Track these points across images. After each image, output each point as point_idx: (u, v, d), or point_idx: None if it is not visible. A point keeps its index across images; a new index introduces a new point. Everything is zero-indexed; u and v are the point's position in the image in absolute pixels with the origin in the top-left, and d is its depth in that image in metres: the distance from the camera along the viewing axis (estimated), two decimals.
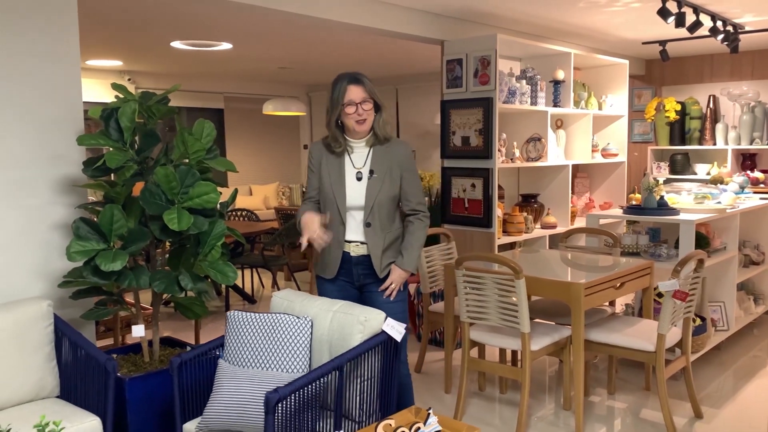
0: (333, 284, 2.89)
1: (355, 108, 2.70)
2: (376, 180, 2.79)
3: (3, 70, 2.84)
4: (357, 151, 2.83)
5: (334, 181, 2.80)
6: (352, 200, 2.80)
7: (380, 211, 2.81)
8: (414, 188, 2.88)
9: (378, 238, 2.82)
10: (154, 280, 2.73)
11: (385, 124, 2.81)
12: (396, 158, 2.83)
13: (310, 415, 2.32)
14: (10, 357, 2.62)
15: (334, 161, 2.84)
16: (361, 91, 2.71)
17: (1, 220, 2.87)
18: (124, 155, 2.68)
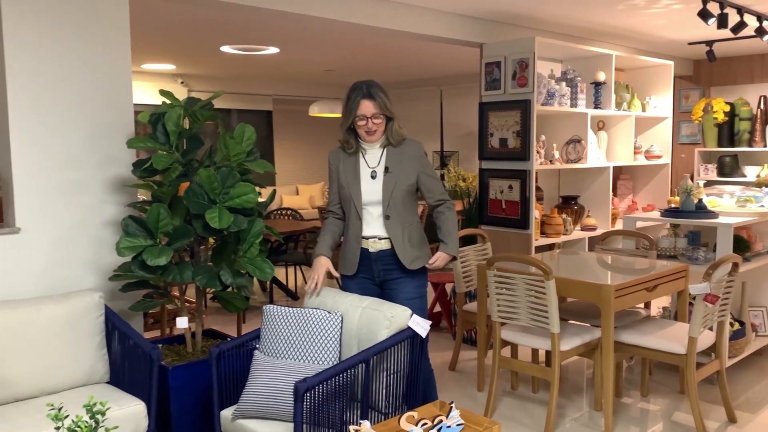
0: (353, 281, 3.00)
1: (365, 121, 2.86)
2: (391, 176, 2.92)
3: (63, 78, 3.06)
4: (370, 152, 2.97)
5: (350, 180, 2.94)
6: (368, 196, 2.92)
7: (397, 204, 2.93)
8: (433, 182, 3.02)
9: (398, 230, 2.92)
10: (197, 274, 2.90)
11: (397, 131, 2.95)
12: (409, 154, 2.96)
13: (338, 405, 2.44)
14: (65, 344, 2.84)
15: (349, 162, 2.98)
16: (372, 106, 2.84)
17: (59, 217, 3.10)
18: (170, 157, 2.86)
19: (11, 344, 2.71)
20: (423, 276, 3.04)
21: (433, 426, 2.40)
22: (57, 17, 3.03)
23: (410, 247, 2.96)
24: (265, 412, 2.51)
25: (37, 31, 2.98)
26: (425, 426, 2.39)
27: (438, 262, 2.98)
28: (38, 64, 3.00)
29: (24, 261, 3.02)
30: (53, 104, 3.06)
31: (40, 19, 2.99)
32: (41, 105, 3.03)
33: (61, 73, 3.06)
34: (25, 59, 2.96)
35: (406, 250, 2.94)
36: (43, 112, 3.03)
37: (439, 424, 2.40)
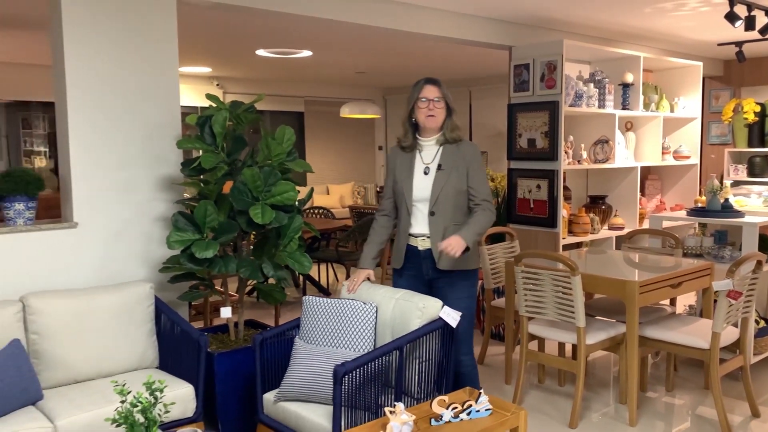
0: (402, 276, 3.10)
1: (427, 103, 2.95)
2: (443, 173, 2.97)
3: (116, 84, 3.29)
4: (426, 149, 3.04)
5: (404, 177, 3.04)
6: (419, 192, 3.00)
7: (445, 203, 2.96)
8: (480, 184, 3.02)
9: (440, 227, 2.96)
10: (241, 267, 3.10)
11: (455, 128, 3.02)
12: (464, 155, 2.99)
13: (374, 389, 2.61)
14: (120, 331, 3.05)
15: (405, 158, 3.07)
16: (435, 90, 2.96)
17: (114, 213, 3.33)
18: (216, 157, 3.06)
19: (72, 330, 2.93)
20: (472, 277, 3.07)
21: (462, 410, 2.56)
22: (112, 26, 3.26)
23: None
24: (305, 395, 2.69)
25: (94, 41, 3.21)
26: (455, 410, 2.54)
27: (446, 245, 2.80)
28: (94, 72, 3.23)
29: (81, 253, 3.25)
30: (108, 109, 3.28)
31: (98, 29, 3.22)
32: (97, 109, 3.25)
33: (114, 80, 3.29)
34: (82, 67, 3.19)
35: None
36: (99, 116, 3.26)
37: (469, 408, 2.56)
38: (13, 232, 3.05)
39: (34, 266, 3.11)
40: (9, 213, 3.09)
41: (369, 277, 3.09)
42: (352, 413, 2.53)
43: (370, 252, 3.14)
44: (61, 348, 2.90)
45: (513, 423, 2.57)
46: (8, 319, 2.81)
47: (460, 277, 3.02)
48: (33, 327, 2.88)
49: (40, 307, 2.90)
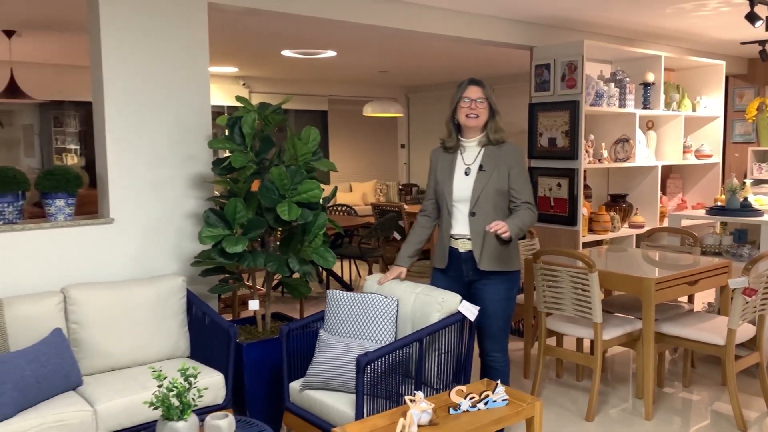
0: (444, 275, 3.13)
1: (469, 103, 2.99)
2: (484, 174, 2.97)
3: (151, 87, 3.45)
4: (468, 150, 3.07)
5: (445, 177, 3.08)
6: (459, 192, 3.01)
7: (486, 203, 2.97)
8: (522, 186, 3.01)
9: (479, 227, 2.96)
10: (268, 261, 3.24)
11: (499, 129, 3.02)
12: (506, 157, 3.00)
13: (395, 379, 2.73)
14: (153, 322, 3.21)
15: (446, 159, 3.10)
16: (479, 90, 2.98)
17: (149, 209, 3.49)
18: (245, 157, 3.20)
19: (109, 320, 3.10)
20: (511, 279, 3.07)
21: (480, 400, 2.66)
22: (147, 33, 3.42)
23: (490, 247, 2.97)
24: (329, 384, 2.82)
25: (129, 45, 3.37)
26: (473, 399, 2.65)
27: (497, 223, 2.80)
28: (130, 75, 3.39)
29: (117, 247, 3.42)
30: (142, 110, 3.44)
31: (133, 33, 3.38)
32: (132, 111, 3.42)
33: (149, 83, 3.45)
34: (119, 71, 3.36)
35: (483, 248, 2.97)
36: (134, 117, 3.42)
37: (486, 398, 2.67)
38: (55, 227, 3.23)
39: (73, 259, 3.29)
40: (50, 209, 3.26)
41: (401, 275, 3.16)
42: (374, 401, 2.65)
43: (407, 251, 3.20)
44: (99, 337, 3.07)
45: (528, 413, 2.67)
46: (50, 309, 2.98)
47: (499, 279, 3.03)
48: (73, 317, 3.05)
49: (79, 298, 3.06)
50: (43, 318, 2.95)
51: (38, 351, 2.74)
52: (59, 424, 2.60)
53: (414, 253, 3.22)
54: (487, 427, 2.53)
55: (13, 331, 2.85)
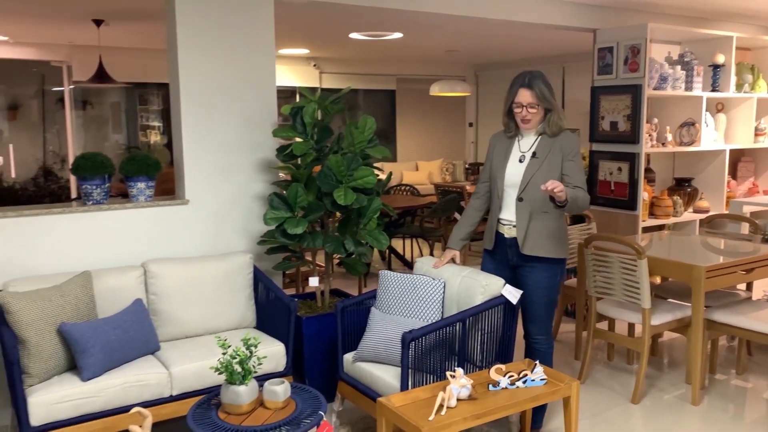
0: (492, 257, 3.21)
1: (521, 109, 3.01)
2: (536, 161, 3.02)
3: (222, 79, 3.72)
4: (526, 138, 3.11)
5: (499, 162, 3.14)
6: (510, 178, 3.07)
7: (534, 190, 3.00)
8: (575, 172, 3.02)
9: (526, 212, 3.02)
10: (326, 242, 3.48)
11: (555, 123, 3.02)
12: (561, 145, 3.02)
13: (439, 355, 2.92)
14: (223, 295, 3.52)
15: (504, 145, 3.16)
16: (530, 95, 2.97)
17: (220, 192, 3.80)
18: (306, 145, 3.44)
19: (184, 293, 3.43)
20: (555, 267, 3.10)
21: (518, 378, 2.83)
22: (219, 29, 3.68)
23: (534, 232, 3.03)
24: (378, 357, 3.04)
25: (203, 41, 3.65)
26: (512, 378, 2.82)
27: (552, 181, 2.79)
28: (203, 69, 3.67)
29: (191, 226, 3.74)
30: (214, 101, 3.73)
31: (207, 30, 3.65)
32: (205, 102, 3.71)
33: (220, 76, 3.73)
34: (193, 65, 3.64)
35: (527, 233, 3.03)
36: (207, 107, 3.71)
37: (524, 377, 2.83)
38: (137, 208, 3.58)
39: (153, 237, 3.64)
40: (133, 191, 3.61)
41: (455, 258, 3.30)
42: (418, 375, 2.86)
43: (458, 233, 3.32)
44: (175, 307, 3.40)
45: (565, 392, 2.81)
46: (132, 281, 3.34)
47: (542, 267, 3.08)
48: (152, 289, 3.39)
49: (157, 272, 3.40)
50: (126, 289, 3.31)
51: (122, 319, 3.09)
52: (139, 384, 2.94)
53: (466, 235, 3.32)
54: (524, 404, 2.70)
55: (101, 301, 3.22)
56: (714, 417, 3.50)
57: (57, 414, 2.73)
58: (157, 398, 2.99)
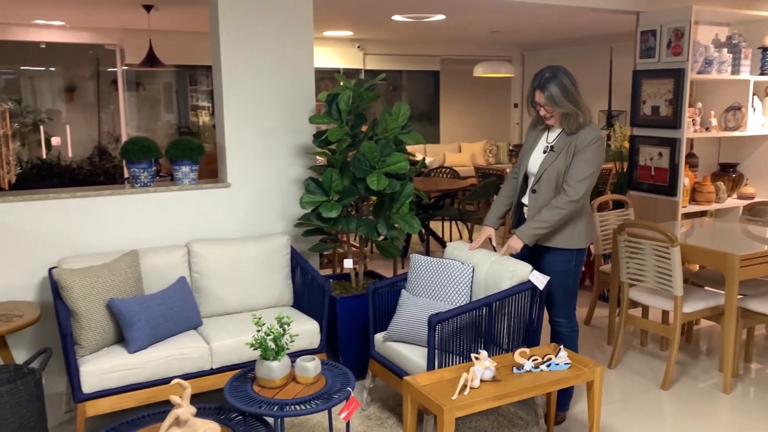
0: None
1: (539, 108, 3.09)
2: (552, 155, 3.11)
3: (261, 68, 3.85)
4: (553, 130, 3.19)
5: (527, 149, 3.26)
6: (531, 167, 3.20)
7: (547, 184, 3.11)
8: (575, 169, 3.04)
9: (536, 205, 3.13)
10: (360, 226, 3.59)
11: (574, 122, 3.04)
12: (577, 141, 3.05)
13: (466, 338, 3.01)
14: (262, 275, 3.68)
15: (534, 134, 3.25)
16: (543, 98, 3.03)
17: (259, 176, 3.95)
18: (341, 131, 3.54)
19: (225, 272, 3.60)
20: (570, 254, 3.16)
21: (542, 362, 2.90)
22: (259, 15, 3.80)
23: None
24: (407, 338, 3.16)
25: (244, 26, 3.78)
26: (536, 361, 2.89)
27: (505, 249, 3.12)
28: (244, 55, 3.81)
29: (233, 209, 3.91)
30: (254, 88, 3.86)
31: (248, 16, 3.77)
32: (245, 89, 3.84)
33: (259, 65, 3.85)
34: (234, 50, 3.78)
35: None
36: (247, 94, 3.85)
37: (548, 361, 2.89)
38: (181, 190, 3.75)
39: (196, 218, 3.82)
40: (177, 174, 3.79)
41: (490, 236, 3.38)
42: (445, 356, 2.96)
43: (495, 211, 3.41)
44: (216, 286, 3.58)
45: (588, 377, 2.87)
46: (177, 260, 3.52)
47: (557, 253, 3.16)
48: (195, 267, 3.57)
49: (200, 251, 3.58)
50: (171, 267, 3.49)
51: (166, 295, 3.27)
52: (182, 357, 3.13)
53: (502, 213, 3.41)
54: (546, 387, 2.77)
55: (147, 278, 3.42)
56: (744, 405, 3.50)
57: (106, 383, 2.94)
58: (198, 371, 3.18)
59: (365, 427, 3.23)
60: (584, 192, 3.05)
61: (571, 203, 3.05)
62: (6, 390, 2.58)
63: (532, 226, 3.10)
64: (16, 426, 2.61)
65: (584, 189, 3.05)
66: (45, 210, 3.44)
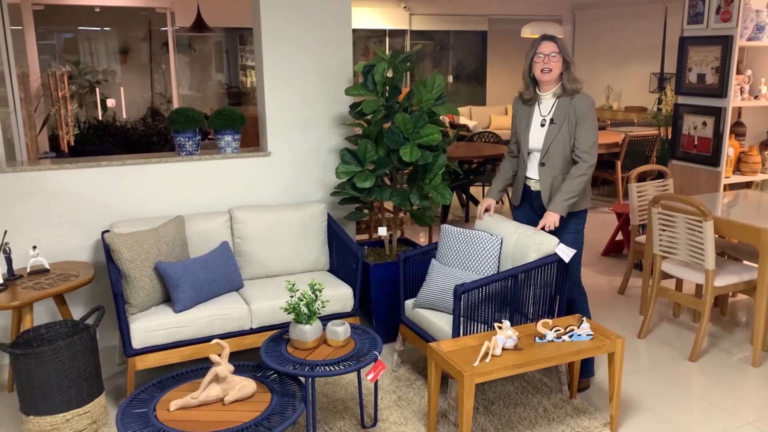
0: (519, 210, 3.54)
1: (543, 58, 3.21)
2: (554, 127, 3.25)
3: (300, 38, 3.95)
4: (544, 102, 3.32)
5: (522, 127, 3.38)
6: (533, 143, 3.34)
7: (555, 155, 3.26)
8: (583, 136, 3.20)
9: (548, 177, 3.29)
10: (393, 195, 3.70)
11: (574, 80, 3.25)
12: (575, 108, 3.20)
13: (491, 307, 3.12)
14: (300, 241, 3.85)
15: (525, 111, 3.39)
16: (551, 45, 3.19)
17: (299, 144, 4.09)
18: (376, 103, 3.63)
19: (266, 238, 3.78)
20: (578, 217, 3.35)
21: (565, 332, 2.99)
22: None
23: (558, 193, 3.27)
24: (435, 305, 3.29)
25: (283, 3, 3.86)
26: (558, 332, 2.99)
27: (545, 226, 3.20)
28: (282, 29, 3.91)
29: (272, 177, 4.07)
30: (293, 59, 3.97)
31: None
32: (285, 59, 3.95)
33: (298, 35, 3.95)
34: (273, 24, 3.88)
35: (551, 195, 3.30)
36: (287, 64, 3.96)
37: (571, 332, 2.99)
38: (224, 158, 3.93)
39: (238, 185, 4.00)
40: (221, 143, 3.96)
41: (488, 207, 3.53)
42: (470, 324, 3.08)
43: (496, 186, 3.58)
44: (257, 250, 3.77)
45: (609, 348, 2.95)
46: (220, 226, 3.72)
47: (566, 220, 3.31)
48: (237, 233, 3.77)
49: (242, 217, 3.76)
50: (214, 232, 3.69)
51: (210, 259, 3.48)
52: (224, 317, 3.34)
53: (503, 187, 3.60)
54: (566, 357, 2.87)
55: (192, 242, 3.63)
56: None
57: (153, 339, 3.18)
58: (238, 330, 3.39)
59: (395, 387, 3.40)
60: (596, 157, 3.27)
61: (591, 168, 3.24)
62: (65, 344, 2.84)
63: (563, 198, 3.22)
64: (74, 376, 2.87)
65: (596, 152, 3.26)
66: (99, 177, 3.67)
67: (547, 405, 3.24)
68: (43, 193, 3.57)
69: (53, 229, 3.63)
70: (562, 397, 3.31)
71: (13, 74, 4.26)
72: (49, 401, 2.85)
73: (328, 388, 3.40)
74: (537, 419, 3.12)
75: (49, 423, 2.87)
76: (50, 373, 2.82)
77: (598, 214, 7.28)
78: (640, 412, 3.20)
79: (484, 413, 3.16)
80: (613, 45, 10.76)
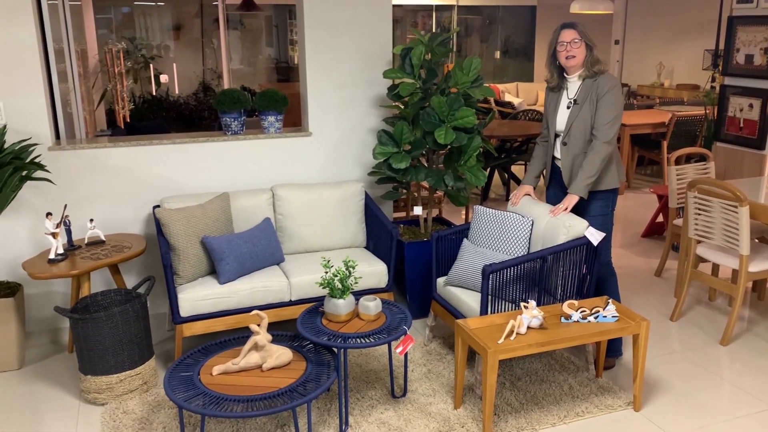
0: (550, 190, 3.63)
1: (565, 46, 3.27)
2: (577, 107, 3.30)
3: (340, 23, 4.05)
4: (571, 86, 3.37)
5: (551, 111, 3.46)
6: (560, 125, 3.40)
7: (576, 135, 3.31)
8: (601, 116, 3.24)
9: (569, 156, 3.36)
10: (428, 176, 3.81)
11: (596, 62, 3.28)
12: (597, 88, 3.25)
13: (520, 287, 3.22)
14: (339, 218, 4.01)
15: (554, 97, 3.46)
16: (572, 33, 3.26)
17: (338, 124, 4.22)
18: (413, 85, 3.72)
19: (306, 214, 3.95)
20: (606, 196, 3.39)
21: (590, 314, 3.07)
22: None
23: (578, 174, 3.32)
24: (465, 283, 3.41)
25: None
26: (584, 313, 3.07)
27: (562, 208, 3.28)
28: (324, 14, 4.02)
29: (313, 156, 4.23)
30: (333, 41, 4.08)
31: None
32: (325, 42, 4.07)
33: (338, 20, 4.06)
34: (315, 10, 3.99)
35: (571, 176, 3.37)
36: (327, 47, 4.08)
37: (596, 313, 3.06)
38: (267, 138, 4.10)
39: (280, 164, 4.17)
40: (264, 123, 4.13)
41: (529, 193, 3.61)
42: (498, 302, 3.19)
43: (531, 172, 3.65)
44: (297, 226, 3.95)
45: (634, 330, 3.02)
46: (262, 203, 3.90)
47: (593, 197, 3.37)
48: (279, 209, 3.95)
49: (283, 195, 3.94)
50: (257, 209, 3.88)
51: (252, 234, 3.67)
52: (265, 289, 3.54)
53: (538, 173, 3.65)
54: (589, 337, 2.96)
55: (236, 218, 3.83)
56: None
57: (200, 309, 3.40)
58: (278, 302, 3.59)
59: (425, 361, 3.55)
60: (613, 134, 3.26)
61: (604, 145, 3.26)
62: (118, 311, 3.08)
63: (581, 178, 3.29)
64: (126, 341, 3.12)
65: (612, 132, 3.26)
66: (150, 155, 3.89)
67: (573, 383, 3.34)
68: (99, 169, 3.82)
69: (108, 204, 3.88)
70: (588, 376, 3.40)
71: (72, 51, 4.50)
72: (104, 363, 3.10)
73: (362, 359, 3.57)
74: (561, 396, 3.22)
75: (104, 382, 3.13)
76: (105, 337, 3.07)
77: (641, 195, 7.22)
78: (666, 393, 3.27)
79: (510, 388, 3.29)
80: (667, 20, 10.48)
